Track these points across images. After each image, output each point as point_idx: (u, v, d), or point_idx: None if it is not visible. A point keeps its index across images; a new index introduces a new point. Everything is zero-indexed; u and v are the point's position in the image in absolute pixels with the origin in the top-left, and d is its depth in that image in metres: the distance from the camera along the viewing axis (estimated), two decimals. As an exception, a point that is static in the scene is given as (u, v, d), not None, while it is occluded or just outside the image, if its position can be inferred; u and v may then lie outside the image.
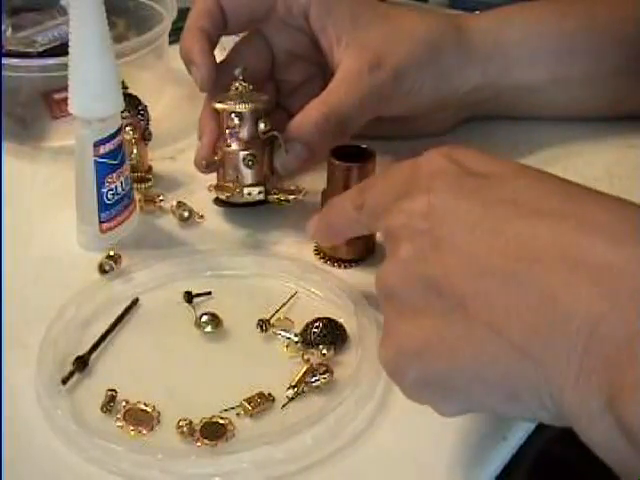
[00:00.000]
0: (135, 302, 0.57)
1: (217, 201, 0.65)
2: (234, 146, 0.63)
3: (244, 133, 0.63)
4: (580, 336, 0.36)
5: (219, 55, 0.69)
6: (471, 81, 0.70)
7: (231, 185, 0.64)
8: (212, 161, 0.64)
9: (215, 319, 0.55)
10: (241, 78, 0.63)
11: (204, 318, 0.55)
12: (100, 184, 0.61)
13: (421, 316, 0.41)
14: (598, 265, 0.36)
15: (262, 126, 0.62)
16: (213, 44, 0.67)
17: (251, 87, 0.63)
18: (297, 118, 0.64)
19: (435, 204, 0.41)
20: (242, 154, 0.63)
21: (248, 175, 0.63)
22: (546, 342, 0.37)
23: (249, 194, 0.63)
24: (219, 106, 0.63)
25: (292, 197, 0.64)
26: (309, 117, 0.63)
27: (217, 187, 0.64)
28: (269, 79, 0.70)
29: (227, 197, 0.64)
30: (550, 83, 0.72)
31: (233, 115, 0.62)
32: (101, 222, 0.62)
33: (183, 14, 0.80)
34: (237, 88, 0.63)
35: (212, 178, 0.65)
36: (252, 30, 0.70)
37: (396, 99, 0.67)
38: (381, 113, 0.67)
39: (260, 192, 0.63)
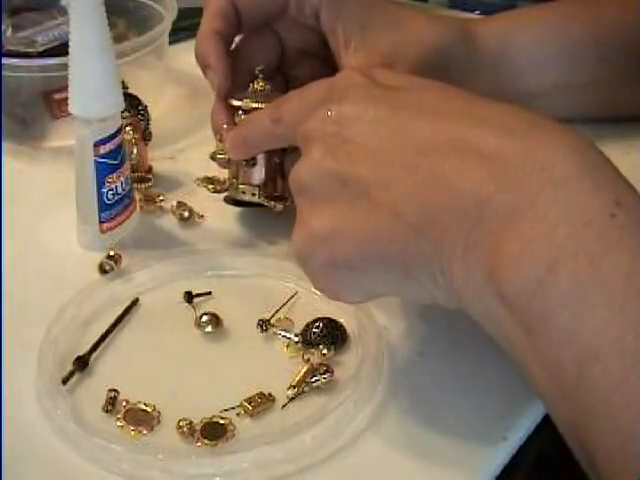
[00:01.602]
0: (135, 302, 0.57)
1: (227, 199, 0.65)
2: None
3: None
4: (469, 214, 0.40)
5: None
6: (478, 88, 0.69)
7: (221, 179, 0.64)
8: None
9: (215, 319, 0.55)
10: (261, 76, 0.63)
11: (204, 318, 0.55)
12: (100, 184, 0.61)
13: (329, 206, 0.45)
14: (487, 153, 0.41)
15: None
16: (228, 45, 0.67)
17: (269, 86, 0.63)
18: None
19: (345, 110, 0.45)
20: None
21: (248, 173, 0.63)
22: (439, 221, 0.41)
23: (243, 192, 0.63)
24: (235, 103, 0.63)
25: (280, 206, 0.63)
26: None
27: (204, 180, 0.64)
28: (278, 74, 0.70)
29: (214, 191, 0.64)
30: (555, 89, 0.72)
31: (240, 112, 0.62)
32: (101, 222, 0.62)
33: (183, 14, 0.81)
34: (255, 86, 0.63)
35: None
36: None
37: None
38: None
39: (254, 194, 0.63)
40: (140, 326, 0.56)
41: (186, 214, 0.65)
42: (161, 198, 0.68)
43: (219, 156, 0.63)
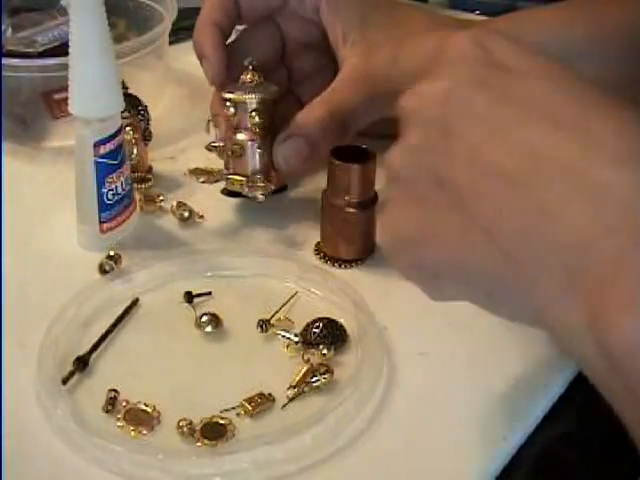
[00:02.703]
0: (135, 302, 0.57)
1: (224, 191, 0.65)
2: (228, 134, 0.63)
3: (238, 123, 0.63)
4: (572, 253, 0.36)
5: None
6: None
7: (210, 169, 0.64)
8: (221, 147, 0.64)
9: (215, 319, 0.55)
10: (251, 68, 0.63)
11: (204, 318, 0.55)
12: (100, 184, 0.61)
13: (421, 207, 0.42)
14: (596, 185, 0.36)
15: (256, 118, 0.62)
16: (226, 37, 0.67)
17: (261, 78, 0.63)
18: (301, 114, 0.64)
19: (451, 92, 0.41)
20: (230, 143, 0.63)
21: (237, 164, 0.63)
22: (536, 252, 0.37)
23: (232, 183, 0.64)
24: (226, 95, 0.63)
25: (261, 197, 0.63)
26: (313, 113, 0.63)
27: (194, 171, 0.65)
28: (280, 65, 0.70)
29: (203, 181, 0.64)
30: None
31: (228, 104, 0.62)
32: (101, 222, 0.62)
33: (183, 14, 0.81)
34: (246, 78, 0.63)
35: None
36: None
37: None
38: (385, 114, 0.67)
39: (241, 184, 0.63)
40: (140, 326, 0.56)
41: (186, 214, 0.65)
42: (161, 198, 0.68)
43: (213, 144, 0.64)
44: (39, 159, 0.74)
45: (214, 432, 0.48)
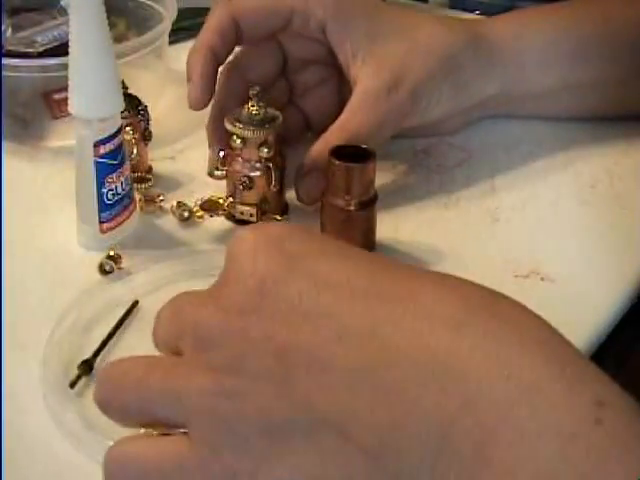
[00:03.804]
0: (135, 304, 0.57)
1: (229, 217, 0.65)
2: (236, 166, 0.63)
3: (247, 156, 0.63)
4: (432, 438, 0.33)
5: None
6: (488, 91, 0.70)
7: (221, 201, 0.65)
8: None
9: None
10: (256, 100, 0.62)
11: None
12: (100, 184, 0.61)
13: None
14: (442, 356, 0.33)
15: (265, 151, 0.62)
16: (219, 62, 0.66)
17: (264, 107, 0.62)
18: (316, 146, 0.63)
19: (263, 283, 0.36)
20: (240, 176, 0.63)
21: (245, 195, 0.63)
22: (394, 444, 0.33)
23: (241, 213, 0.64)
24: (229, 127, 0.62)
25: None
26: (328, 145, 0.61)
27: (205, 205, 0.65)
28: (280, 79, 0.70)
29: (213, 215, 0.65)
30: (562, 89, 0.71)
31: (235, 137, 0.62)
32: (101, 222, 0.62)
33: (183, 14, 0.81)
34: (249, 109, 0.62)
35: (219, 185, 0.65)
36: None
37: (413, 114, 0.67)
38: (398, 130, 0.67)
39: (252, 214, 0.63)
40: (144, 328, 0.56)
41: (186, 214, 0.65)
42: (161, 198, 0.67)
43: (216, 172, 0.64)
44: (39, 159, 0.73)
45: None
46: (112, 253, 0.60)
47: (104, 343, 0.54)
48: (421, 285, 0.36)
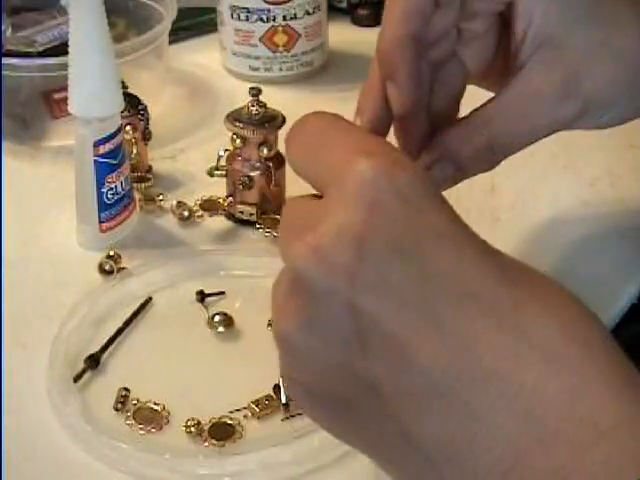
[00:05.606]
0: (148, 301, 0.57)
1: (229, 217, 0.65)
2: (236, 166, 0.63)
3: (247, 155, 0.63)
4: (501, 464, 0.32)
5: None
6: None
7: (221, 201, 0.65)
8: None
9: (227, 319, 0.55)
10: (256, 99, 0.62)
11: (216, 318, 0.55)
12: (100, 184, 0.61)
13: (327, 407, 0.37)
14: (528, 389, 0.32)
15: (265, 151, 0.62)
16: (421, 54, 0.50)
17: (265, 109, 0.62)
18: (455, 138, 0.51)
19: (364, 271, 0.34)
20: (239, 175, 0.63)
21: (245, 194, 0.64)
22: (461, 461, 0.33)
23: (241, 212, 0.64)
24: (233, 130, 0.62)
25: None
26: (469, 140, 0.51)
27: (205, 204, 0.65)
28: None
29: (213, 214, 0.64)
30: None
31: (234, 137, 0.62)
32: (101, 222, 0.62)
33: (183, 14, 0.81)
34: (249, 109, 0.62)
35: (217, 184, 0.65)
36: None
37: (580, 125, 0.54)
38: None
39: (251, 214, 0.64)
40: (152, 325, 0.56)
41: (186, 214, 0.65)
42: (161, 198, 0.67)
43: (216, 172, 0.64)
44: (39, 159, 0.73)
45: (222, 433, 0.48)
46: (112, 253, 0.60)
47: (113, 338, 0.54)
48: (530, 296, 0.36)
